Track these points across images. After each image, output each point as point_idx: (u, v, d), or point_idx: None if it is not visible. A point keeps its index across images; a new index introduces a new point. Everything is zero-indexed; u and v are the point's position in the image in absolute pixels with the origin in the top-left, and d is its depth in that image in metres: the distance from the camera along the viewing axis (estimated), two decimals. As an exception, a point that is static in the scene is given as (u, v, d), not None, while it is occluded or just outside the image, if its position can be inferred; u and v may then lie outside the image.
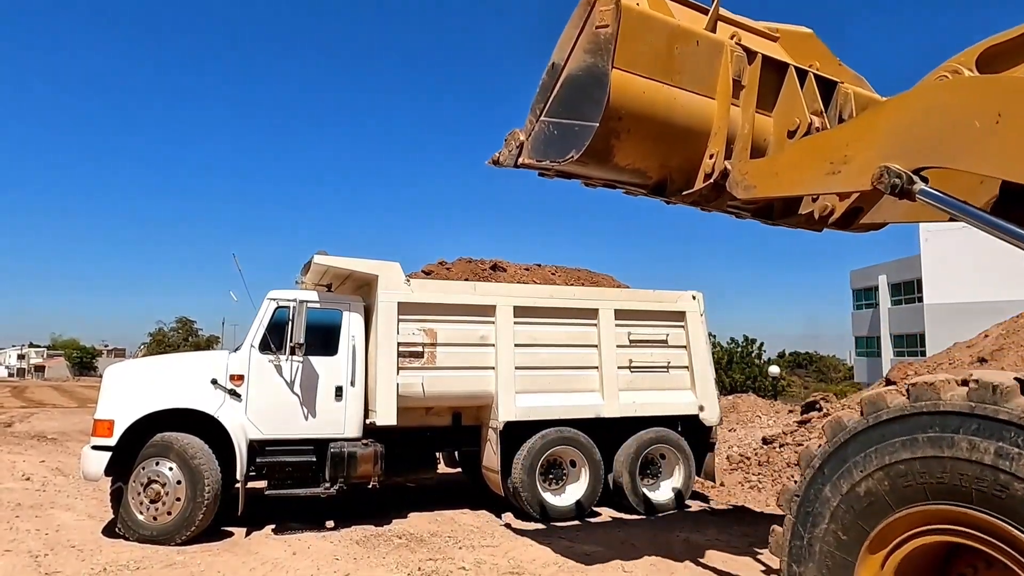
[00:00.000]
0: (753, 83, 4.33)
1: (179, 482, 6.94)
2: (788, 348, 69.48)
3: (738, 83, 4.32)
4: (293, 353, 7.66)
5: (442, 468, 9.99)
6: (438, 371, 8.12)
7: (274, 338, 7.71)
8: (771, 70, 4.43)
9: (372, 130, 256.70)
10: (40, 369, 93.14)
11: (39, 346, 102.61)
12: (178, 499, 6.91)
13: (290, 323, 7.66)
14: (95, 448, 6.96)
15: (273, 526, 7.60)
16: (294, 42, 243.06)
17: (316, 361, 7.88)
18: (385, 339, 7.90)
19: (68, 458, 11.80)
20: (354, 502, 8.76)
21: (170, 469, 6.98)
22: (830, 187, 3.79)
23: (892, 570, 3.00)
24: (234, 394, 7.49)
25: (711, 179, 4.33)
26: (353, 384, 7.98)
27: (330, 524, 7.77)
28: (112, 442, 6.91)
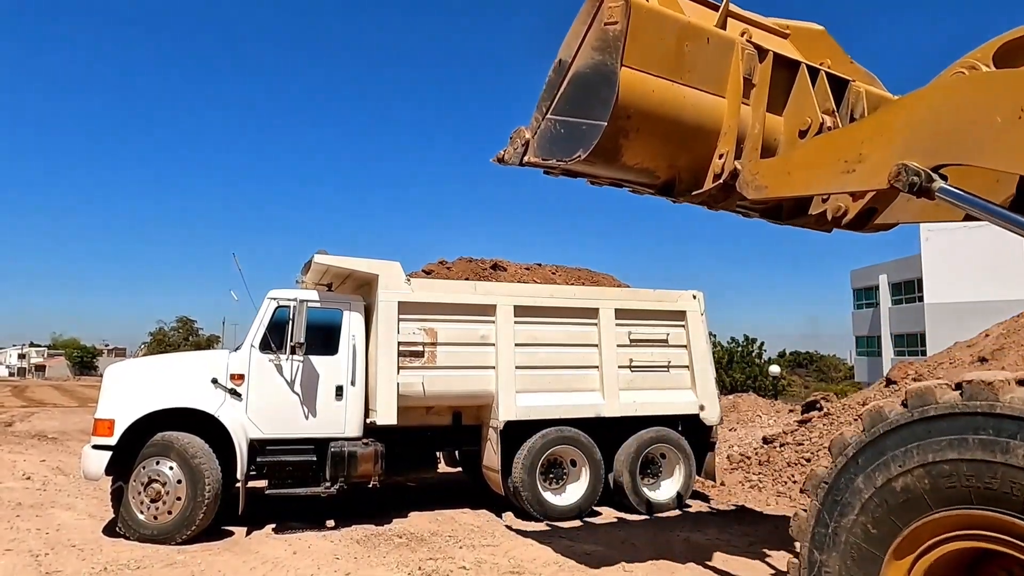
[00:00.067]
0: (764, 81, 4.24)
1: (180, 481, 6.95)
2: (788, 347, 69.41)
3: (749, 81, 4.23)
4: (293, 352, 7.67)
5: (442, 468, 10.00)
6: (438, 370, 8.13)
7: (274, 337, 7.71)
8: (782, 68, 4.34)
9: (372, 129, 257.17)
10: (41, 368, 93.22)
11: (40, 345, 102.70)
12: (179, 498, 6.92)
13: (290, 322, 7.67)
14: (96, 447, 6.98)
15: (274, 525, 7.60)
16: (294, 41, 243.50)
17: (316, 360, 7.88)
18: (385, 338, 7.90)
19: (69, 457, 11.81)
20: (354, 501, 8.76)
21: (171, 468, 6.98)
22: (845, 186, 3.70)
23: (923, 571, 2.91)
24: (234, 393, 7.49)
25: (720, 179, 4.23)
26: (353, 383, 7.99)
27: (330, 523, 7.77)
28: (113, 441, 6.92)
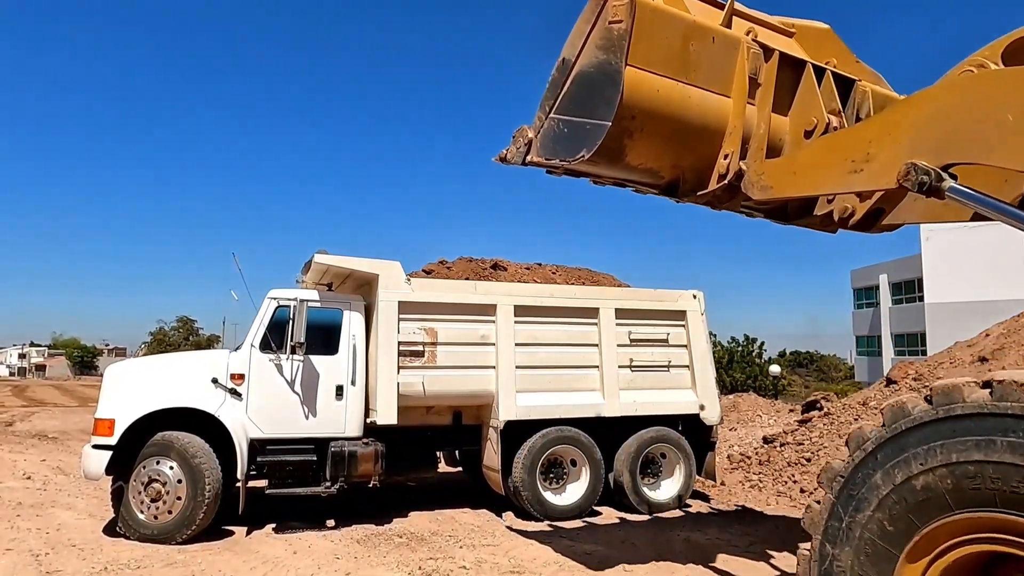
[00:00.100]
0: (770, 81, 4.21)
1: (180, 481, 6.95)
2: (789, 347, 69.37)
3: (754, 81, 4.19)
4: (294, 352, 7.67)
5: (443, 467, 9.99)
6: (439, 370, 8.13)
7: (275, 337, 7.71)
8: (788, 68, 4.31)
9: (372, 129, 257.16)
10: (41, 368, 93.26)
11: (40, 345, 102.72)
12: (179, 498, 6.92)
13: (291, 322, 7.66)
14: (96, 447, 6.98)
15: (274, 525, 7.60)
16: (294, 41, 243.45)
17: (317, 360, 7.88)
18: (386, 338, 7.90)
19: (69, 457, 11.81)
20: (355, 501, 8.76)
21: (171, 468, 6.98)
22: (852, 186, 3.65)
23: (939, 571, 2.87)
24: (235, 393, 7.49)
25: (725, 180, 4.20)
26: (354, 383, 7.99)
27: (331, 523, 7.78)
28: (113, 441, 6.92)
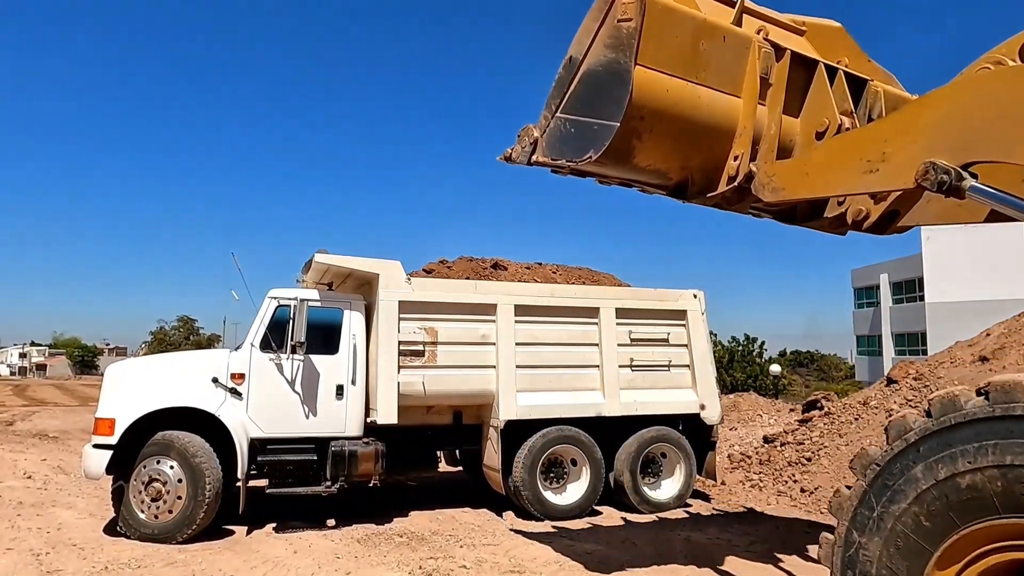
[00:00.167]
0: (781, 81, 4.14)
1: (180, 481, 6.95)
2: (789, 347, 69.59)
3: (765, 81, 4.11)
4: (294, 352, 7.67)
5: (443, 467, 9.99)
6: (439, 370, 8.12)
7: (275, 337, 7.71)
8: (799, 67, 4.24)
9: (373, 128, 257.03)
10: (42, 367, 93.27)
11: (41, 344, 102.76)
12: (179, 497, 6.92)
13: (291, 322, 7.66)
14: (96, 446, 6.98)
15: (274, 524, 7.61)
16: (295, 41, 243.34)
17: (317, 360, 7.88)
18: (386, 338, 7.90)
19: (70, 456, 11.81)
20: (355, 501, 8.76)
21: (171, 468, 6.98)
22: (868, 187, 3.55)
23: (976, 574, 2.78)
24: (235, 393, 7.49)
25: (735, 182, 4.11)
26: (354, 383, 7.99)
27: (331, 523, 7.78)
28: (113, 440, 6.92)
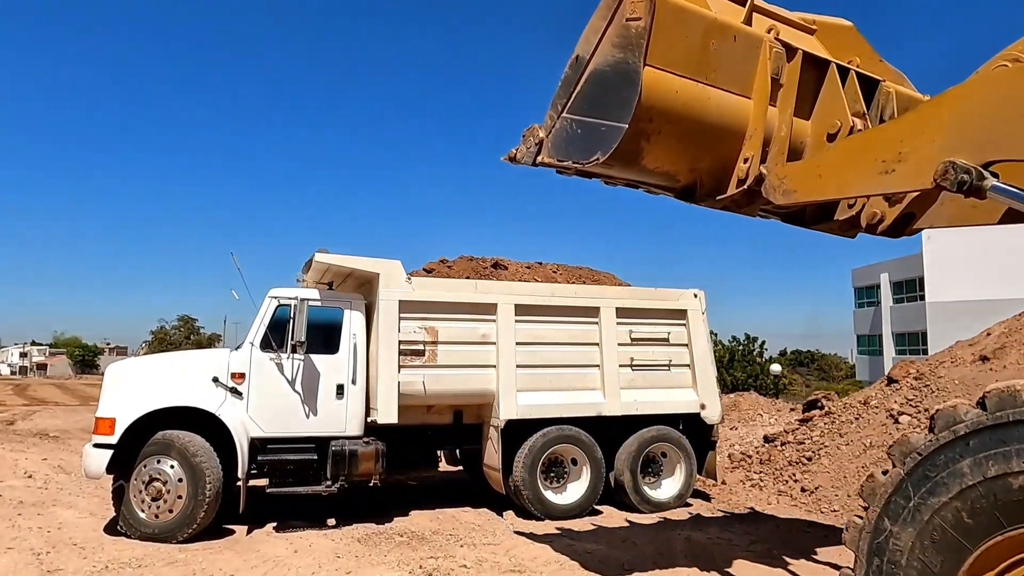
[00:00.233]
0: (792, 82, 4.07)
1: (180, 480, 6.95)
2: (789, 346, 69.56)
3: (776, 81, 4.03)
4: (294, 351, 7.67)
5: (443, 466, 9.99)
6: (439, 369, 8.13)
7: (275, 336, 7.71)
8: (811, 67, 4.16)
9: (373, 128, 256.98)
10: (42, 367, 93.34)
11: (41, 344, 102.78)
12: (180, 497, 6.93)
13: (291, 321, 7.67)
14: (97, 446, 6.98)
15: (274, 524, 7.61)
16: (295, 41, 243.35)
17: (317, 359, 7.88)
18: (386, 337, 7.90)
19: (70, 456, 11.81)
20: (355, 500, 8.76)
21: (171, 467, 6.99)
22: (884, 188, 3.47)
23: None
24: (235, 392, 7.50)
25: (745, 184, 4.02)
26: (354, 382, 7.99)
27: (331, 522, 7.78)
28: (114, 440, 6.92)
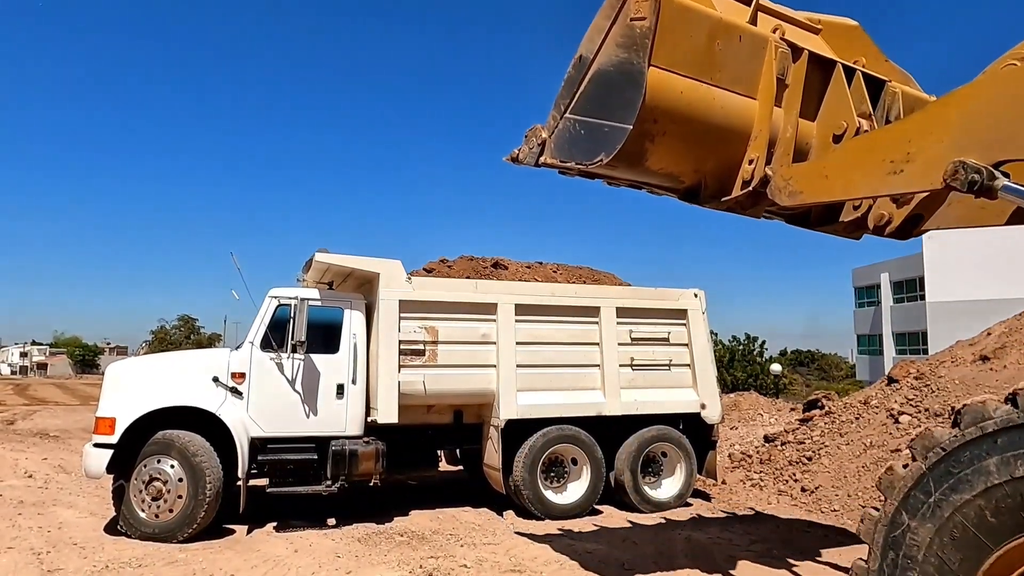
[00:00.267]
0: (798, 82, 4.02)
1: (181, 480, 6.96)
2: (790, 346, 69.64)
3: (782, 82, 3.99)
4: (294, 351, 7.67)
5: (443, 466, 10.00)
6: (439, 369, 8.12)
7: (275, 336, 7.71)
8: (816, 68, 4.12)
9: (373, 128, 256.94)
10: (43, 367, 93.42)
11: (42, 344, 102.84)
12: (180, 497, 6.93)
13: (292, 321, 7.67)
14: (97, 446, 6.98)
15: (275, 524, 7.61)
16: (296, 41, 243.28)
17: (317, 359, 7.88)
18: (386, 337, 7.90)
19: (70, 455, 11.81)
20: (355, 500, 8.77)
21: (172, 467, 6.99)
22: (892, 188, 3.41)
23: None
24: (235, 392, 7.50)
25: (750, 186, 3.98)
26: (354, 382, 7.99)
27: (332, 522, 7.78)
28: (114, 440, 6.92)
